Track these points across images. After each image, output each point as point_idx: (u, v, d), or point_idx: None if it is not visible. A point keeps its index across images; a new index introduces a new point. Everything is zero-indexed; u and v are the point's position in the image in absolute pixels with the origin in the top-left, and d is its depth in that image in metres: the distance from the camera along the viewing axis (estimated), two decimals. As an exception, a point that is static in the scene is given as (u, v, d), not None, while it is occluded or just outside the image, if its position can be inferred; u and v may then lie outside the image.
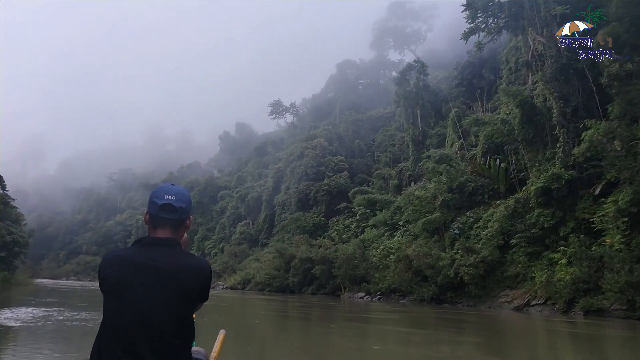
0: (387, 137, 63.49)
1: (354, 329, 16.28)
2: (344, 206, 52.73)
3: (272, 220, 62.89)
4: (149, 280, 1.95)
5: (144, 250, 2.02)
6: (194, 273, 2.02)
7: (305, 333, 14.92)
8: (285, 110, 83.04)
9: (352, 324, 17.96)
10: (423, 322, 18.73)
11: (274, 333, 14.71)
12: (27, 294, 23.02)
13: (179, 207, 2.09)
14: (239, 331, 14.02)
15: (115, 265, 2.00)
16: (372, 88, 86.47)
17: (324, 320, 18.99)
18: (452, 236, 29.06)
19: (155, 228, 2.09)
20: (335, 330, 15.69)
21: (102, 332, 1.97)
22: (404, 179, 46.82)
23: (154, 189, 2.20)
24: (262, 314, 21.04)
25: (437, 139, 46.33)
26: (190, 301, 2.01)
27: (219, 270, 57.38)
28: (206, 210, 78.29)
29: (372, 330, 16.19)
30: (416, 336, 14.62)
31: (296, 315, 20.79)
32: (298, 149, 62.03)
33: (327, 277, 37.95)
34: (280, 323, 17.21)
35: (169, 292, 1.95)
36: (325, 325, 17.05)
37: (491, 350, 12.10)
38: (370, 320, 19.30)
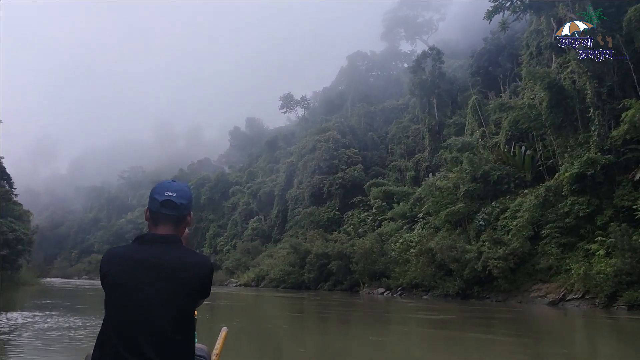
0: (400, 129, 62.15)
1: (383, 330, 14.93)
2: (359, 199, 51.39)
3: (284, 216, 61.66)
4: (150, 277, 1.94)
5: (145, 247, 2.02)
6: (195, 269, 2.01)
7: (333, 337, 13.59)
8: (296, 104, 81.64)
9: (379, 324, 16.61)
10: (452, 320, 17.23)
11: (293, 338, 13.39)
12: (30, 295, 21.74)
13: (179, 204, 2.07)
14: (259, 338, 12.73)
15: (117, 262, 1.99)
16: (384, 80, 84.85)
17: (346, 321, 17.64)
18: (477, 228, 27.57)
19: (156, 225, 2.09)
20: (361, 332, 14.36)
21: (104, 329, 1.97)
22: (421, 170, 45.33)
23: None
24: (279, 315, 19.72)
25: (454, 128, 44.75)
26: (192, 297, 2.00)
27: (232, 268, 56.30)
28: (217, 206, 77.26)
29: (400, 331, 14.82)
30: (449, 339, 13.22)
31: (319, 316, 19.43)
32: (310, 142, 60.68)
33: (345, 272, 36.62)
34: (301, 325, 15.88)
35: (170, 288, 1.94)
36: (350, 326, 15.71)
37: (536, 354, 10.66)
38: (395, 320, 17.93)
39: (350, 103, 78.85)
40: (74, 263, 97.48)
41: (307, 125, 76.29)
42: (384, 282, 31.98)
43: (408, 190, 40.65)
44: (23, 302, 20.67)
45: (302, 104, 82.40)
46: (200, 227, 77.32)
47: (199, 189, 79.04)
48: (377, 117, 70.23)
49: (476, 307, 22.01)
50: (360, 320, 17.17)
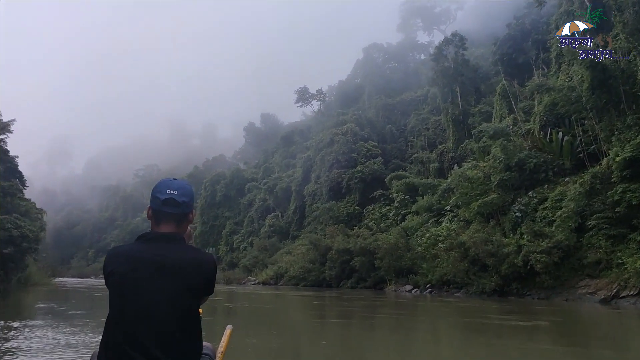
0: (420, 121, 60.35)
1: (434, 337, 13.17)
2: (380, 193, 49.60)
3: (302, 212, 60.06)
4: (154, 275, 1.94)
5: (148, 246, 2.01)
6: (198, 267, 2.01)
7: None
8: (312, 97, 79.79)
9: (427, 328, 14.86)
10: (497, 326, 15.34)
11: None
12: (35, 297, 20.20)
13: (181, 202, 2.07)
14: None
15: (120, 261, 1.99)
16: (401, 71, 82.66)
17: (392, 328, 15.92)
18: (512, 220, 25.64)
19: (158, 223, 2.08)
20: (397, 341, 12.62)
21: (108, 327, 1.95)
22: (445, 162, 43.38)
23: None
24: (306, 321, 18.01)
25: (480, 117, 42.68)
26: (196, 295, 2.01)
27: (249, 265, 54.86)
28: (233, 203, 75.86)
29: (446, 339, 13.05)
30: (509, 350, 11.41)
31: (356, 322, 17.67)
32: (328, 136, 58.95)
33: (368, 269, 34.89)
34: (339, 339, 14.20)
35: (174, 286, 1.94)
36: (402, 339, 14.00)
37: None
38: (443, 326, 16.14)
39: (367, 96, 76.93)
40: (90, 262, 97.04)
41: (323, 119, 74.53)
42: (411, 279, 30.17)
43: (433, 182, 38.70)
44: (27, 306, 19.17)
45: (318, 97, 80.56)
46: (216, 224, 76.05)
47: (214, 186, 77.83)
48: (395, 110, 68.35)
49: (518, 305, 20.14)
50: (408, 327, 15.42)
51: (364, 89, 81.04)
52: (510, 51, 49.12)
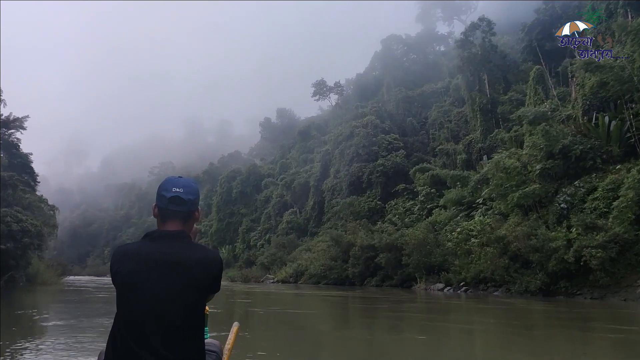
0: (441, 114, 58.20)
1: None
2: (403, 187, 47.53)
3: (321, 207, 58.13)
4: (160, 273, 1.93)
5: (155, 244, 2.01)
6: (204, 265, 2.00)
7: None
8: (330, 90, 77.64)
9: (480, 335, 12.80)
10: (582, 337, 12.90)
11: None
12: (35, 300, 18.32)
13: (187, 200, 2.07)
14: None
15: (127, 260, 1.98)
16: (421, 63, 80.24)
17: (423, 329, 13.89)
18: (557, 212, 23.39)
19: (164, 221, 2.08)
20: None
21: (115, 326, 1.96)
22: (473, 153, 41.08)
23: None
24: (336, 334, 16.02)
25: (510, 105, 40.25)
26: (202, 293, 2.00)
27: (267, 263, 53.04)
28: (249, 200, 74.17)
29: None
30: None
31: (401, 337, 15.66)
32: (347, 129, 56.93)
33: (394, 266, 32.83)
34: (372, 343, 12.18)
35: (180, 284, 1.94)
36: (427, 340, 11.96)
37: None
38: (493, 329, 14.05)
39: (386, 88, 74.69)
40: (106, 261, 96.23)
41: (341, 112, 72.49)
42: (443, 277, 28.04)
43: (462, 174, 36.45)
44: (23, 309, 17.33)
45: (336, 90, 78.39)
46: (233, 221, 74.42)
47: (230, 182, 76.24)
48: (415, 102, 66.13)
49: (572, 305, 17.97)
50: (460, 333, 13.37)
51: (383, 81, 78.76)
52: (539, 37, 46.65)
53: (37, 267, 26.98)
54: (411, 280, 32.13)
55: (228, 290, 32.75)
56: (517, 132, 36.71)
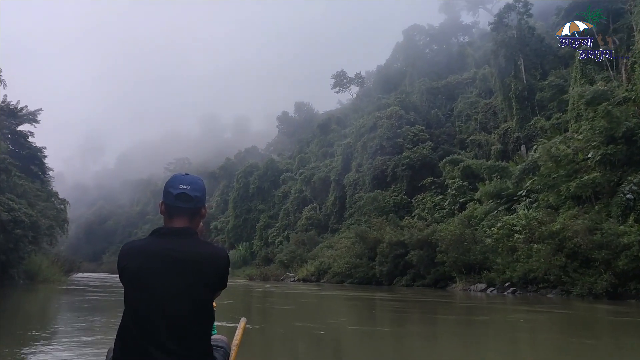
0: (468, 105, 55.47)
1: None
2: (430, 181, 44.80)
3: (342, 203, 55.55)
4: (167, 270, 1.93)
5: (162, 240, 2.00)
6: (211, 261, 1.99)
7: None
8: (350, 82, 74.82)
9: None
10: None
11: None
12: (23, 304, 15.75)
13: (194, 196, 2.05)
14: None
15: (134, 256, 1.97)
16: (445, 54, 77.18)
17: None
18: (622, 203, 20.51)
19: (171, 218, 2.06)
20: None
21: (124, 322, 1.95)
22: (509, 143, 38.12)
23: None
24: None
25: (550, 91, 37.24)
26: (209, 289, 1.99)
27: (286, 261, 50.57)
28: (267, 196, 71.79)
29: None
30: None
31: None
32: (370, 120, 54.26)
33: (427, 264, 30.14)
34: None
35: (187, 280, 1.93)
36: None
37: None
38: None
39: (409, 80, 71.81)
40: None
41: (362, 104, 69.68)
42: (485, 276, 25.25)
43: (501, 165, 33.56)
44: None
45: (357, 81, 75.56)
46: (250, 218, 72.09)
47: (247, 178, 73.93)
48: (440, 94, 63.24)
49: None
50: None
51: (405, 73, 75.88)
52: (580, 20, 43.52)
53: (39, 263, 24.72)
54: (446, 280, 29.45)
55: (246, 290, 30.36)
56: (559, 120, 33.83)
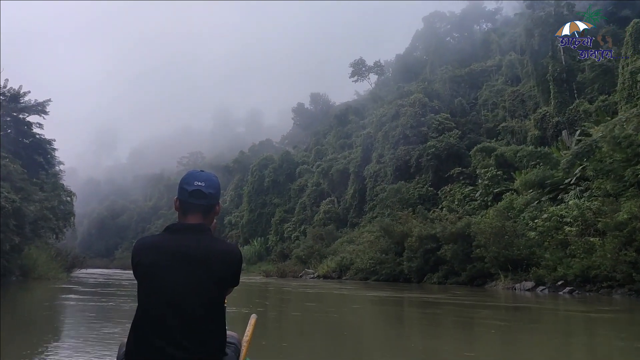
0: (493, 93, 52.63)
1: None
2: (458, 172, 41.97)
3: (362, 196, 52.86)
4: (181, 266, 1.93)
5: (175, 237, 2.00)
6: (224, 258, 1.99)
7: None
8: (369, 71, 71.87)
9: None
10: None
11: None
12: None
13: (208, 193, 2.06)
14: None
15: (148, 252, 1.98)
16: (467, 42, 73.91)
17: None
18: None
19: (185, 214, 2.07)
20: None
21: (137, 317, 1.95)
22: (548, 129, 35.07)
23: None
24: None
25: (592, 72, 34.18)
26: (221, 286, 2.00)
27: (304, 257, 48.01)
28: (283, 189, 69.25)
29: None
30: None
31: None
32: (392, 109, 51.40)
33: (462, 260, 27.33)
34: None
35: (200, 277, 1.93)
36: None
37: None
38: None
39: (430, 68, 68.79)
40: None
41: (382, 94, 66.73)
42: (533, 274, 22.37)
43: (543, 151, 30.59)
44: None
45: (376, 69, 72.56)
46: (265, 212, 69.61)
47: (261, 171, 71.46)
48: (462, 83, 60.27)
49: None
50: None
51: (426, 61, 72.85)
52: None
53: (35, 258, 22.34)
54: (484, 277, 26.61)
55: (262, 287, 27.83)
56: (605, 101, 30.80)
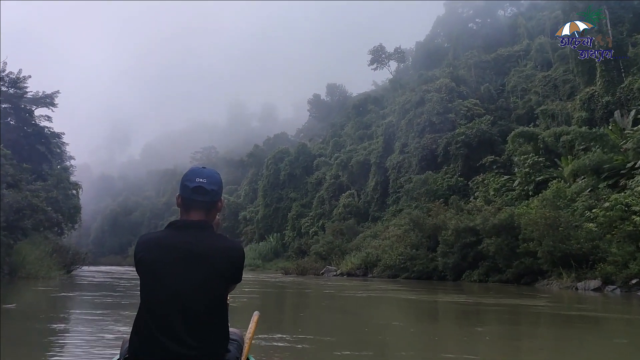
0: (523, 79, 49.21)
1: None
2: (491, 160, 38.76)
3: (384, 188, 49.85)
4: (183, 262, 1.93)
5: (178, 233, 2.00)
6: (226, 254, 1.99)
7: None
8: (389, 57, 68.58)
9: None
10: None
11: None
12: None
13: (210, 190, 2.07)
14: None
15: (150, 248, 1.98)
16: (492, 27, 70.41)
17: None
18: None
19: (187, 211, 2.08)
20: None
21: (140, 314, 1.96)
22: (597, 110, 31.68)
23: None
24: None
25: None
26: (223, 282, 1.99)
27: (324, 253, 45.12)
28: (299, 183, 66.38)
29: None
30: None
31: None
32: (417, 95, 48.20)
33: (507, 255, 24.22)
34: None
35: (202, 273, 1.93)
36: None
37: None
38: None
39: (453, 54, 65.36)
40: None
41: (402, 82, 63.42)
42: (600, 271, 19.18)
43: (598, 133, 27.23)
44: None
45: (396, 56, 69.19)
46: (281, 207, 66.78)
47: (277, 164, 68.61)
48: (488, 69, 56.86)
49: None
50: None
51: (448, 48, 69.45)
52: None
53: (23, 255, 19.61)
54: (533, 275, 23.47)
55: (280, 287, 24.98)
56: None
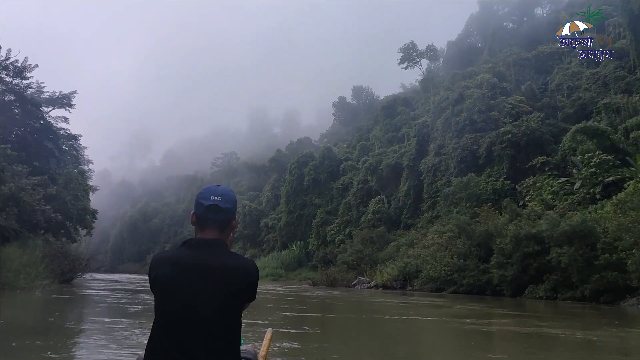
0: (568, 77, 45.25)
1: None
2: (543, 161, 34.84)
3: (418, 193, 46.03)
4: (198, 280, 1.95)
5: (192, 251, 2.02)
6: (241, 273, 2.01)
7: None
8: (420, 56, 64.89)
9: None
10: None
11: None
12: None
13: (224, 208, 2.07)
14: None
15: (165, 266, 1.99)
16: (529, 25, 66.44)
17: None
18: None
19: (202, 229, 2.08)
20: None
21: (153, 331, 1.98)
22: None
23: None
24: None
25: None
26: (238, 300, 2.01)
27: (352, 262, 41.45)
28: (324, 189, 62.71)
29: None
30: None
31: None
32: (455, 92, 44.45)
33: (582, 268, 20.29)
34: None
35: (216, 291, 1.95)
36: None
37: None
38: None
39: (489, 53, 61.49)
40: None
41: (436, 81, 59.64)
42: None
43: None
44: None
45: (428, 54, 65.50)
46: (305, 214, 63.25)
47: (300, 169, 65.16)
48: (528, 67, 52.95)
49: None
50: None
51: (483, 47, 65.62)
52: None
53: (2, 260, 16.34)
54: (616, 292, 19.52)
55: (323, 306, 21.41)
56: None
